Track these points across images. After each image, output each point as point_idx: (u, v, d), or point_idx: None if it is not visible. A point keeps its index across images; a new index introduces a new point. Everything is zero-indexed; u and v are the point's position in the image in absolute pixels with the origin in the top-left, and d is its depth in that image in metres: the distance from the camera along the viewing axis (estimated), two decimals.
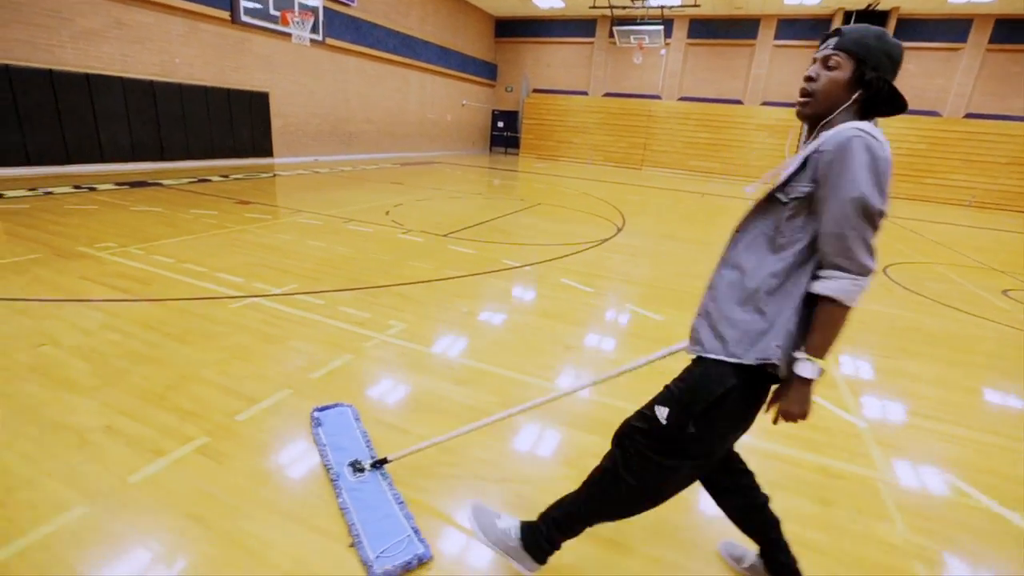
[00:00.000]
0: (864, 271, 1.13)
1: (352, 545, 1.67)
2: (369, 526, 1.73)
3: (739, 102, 18.75)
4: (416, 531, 1.73)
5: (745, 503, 1.55)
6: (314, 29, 8.29)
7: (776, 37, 17.59)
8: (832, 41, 1.22)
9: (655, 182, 15.76)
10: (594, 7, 16.97)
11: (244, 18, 7.27)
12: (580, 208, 9.41)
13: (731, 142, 18.75)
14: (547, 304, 4.14)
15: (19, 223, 5.25)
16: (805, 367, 1.17)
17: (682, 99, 19.49)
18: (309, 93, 13.18)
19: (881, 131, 1.13)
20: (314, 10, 8.54)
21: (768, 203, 1.24)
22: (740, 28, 17.93)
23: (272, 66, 11.97)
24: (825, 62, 1.22)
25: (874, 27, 1.22)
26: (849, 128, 1.11)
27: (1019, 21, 15.04)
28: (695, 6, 15.77)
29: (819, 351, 1.16)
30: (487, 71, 21.29)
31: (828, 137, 1.14)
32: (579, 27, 20.07)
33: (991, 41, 15.40)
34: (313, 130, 13.63)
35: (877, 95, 1.18)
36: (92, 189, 7.41)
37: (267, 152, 12.35)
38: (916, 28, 15.84)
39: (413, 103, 17.40)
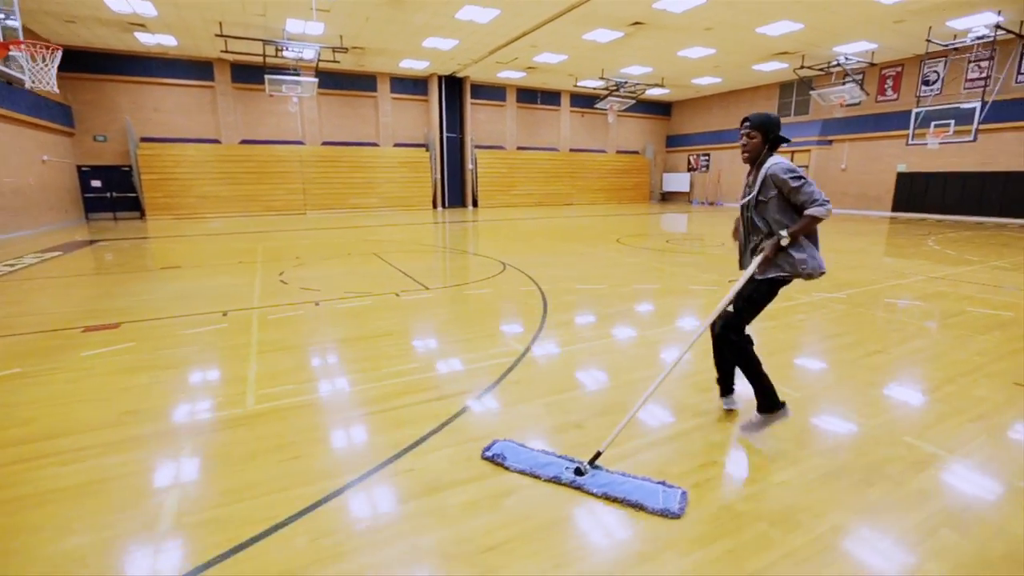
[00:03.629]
0: (824, 201, 2.47)
1: (638, 510, 2.15)
2: (634, 494, 2.18)
3: (376, 144, 21.53)
4: (663, 482, 2.26)
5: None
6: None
7: (392, 91, 21.19)
8: (747, 125, 2.64)
9: (359, 222, 16.71)
10: (225, 51, 15.81)
11: None
12: (412, 251, 10.17)
13: (381, 179, 21.36)
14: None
15: None
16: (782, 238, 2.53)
17: (325, 143, 20.58)
18: None
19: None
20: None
21: (757, 204, 2.66)
22: (362, 81, 20.55)
23: None
24: (748, 135, 2.66)
25: (763, 112, 2.65)
26: (775, 163, 2.57)
27: (533, 91, 24.00)
28: (335, 62, 17.31)
29: (794, 235, 2.52)
30: (61, 115, 15.86)
31: (767, 167, 2.58)
32: (192, 69, 17.80)
33: (518, 101, 23.95)
34: None
35: (775, 141, 2.65)
36: None
37: None
38: (481, 90, 22.72)
39: None
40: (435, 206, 22.58)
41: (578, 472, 2.36)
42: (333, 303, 5.81)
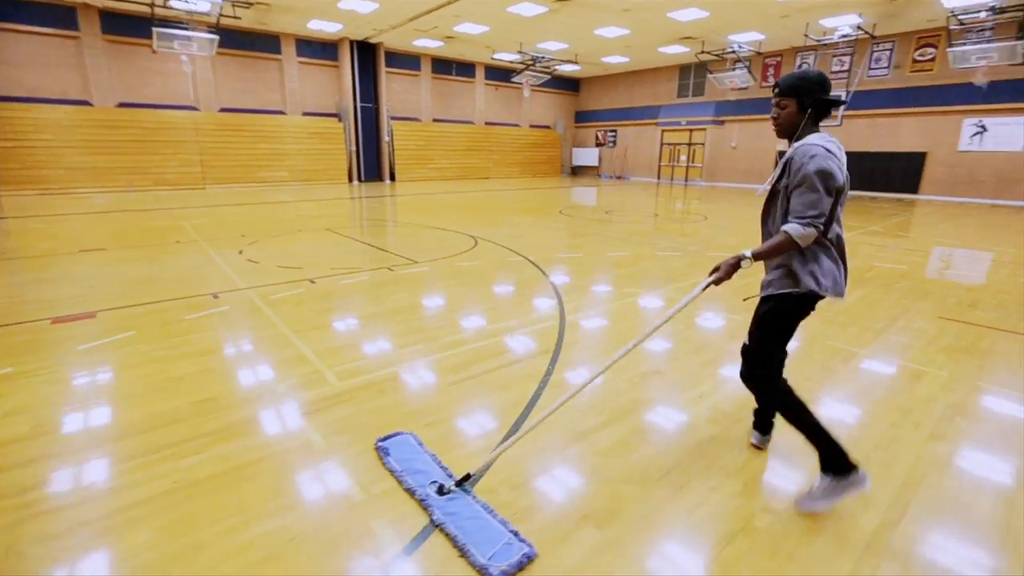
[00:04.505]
0: (812, 218, 1.86)
1: (461, 555, 1.80)
2: (470, 536, 1.86)
3: (282, 112, 19.80)
4: (515, 533, 1.89)
5: None
6: None
7: (298, 55, 19.52)
8: (776, 91, 2.03)
9: (274, 197, 15.44)
10: None
11: None
12: (363, 227, 9.80)
13: (289, 151, 19.75)
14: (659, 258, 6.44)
15: None
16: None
17: (224, 110, 18.50)
18: None
19: (828, 137, 1.95)
20: None
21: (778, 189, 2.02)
22: (264, 42, 18.65)
23: None
24: (778, 105, 2.04)
25: (797, 71, 2.01)
26: (810, 142, 1.91)
27: (449, 62, 23.41)
28: (236, 18, 15.55)
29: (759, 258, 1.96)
30: None
31: (799, 145, 1.94)
32: (49, 14, 14.85)
33: (434, 72, 23.29)
34: None
35: (817, 107, 1.97)
36: None
37: None
38: (395, 59, 21.73)
39: None
40: (351, 180, 21.47)
41: (440, 491, 2.13)
42: (329, 280, 5.60)
